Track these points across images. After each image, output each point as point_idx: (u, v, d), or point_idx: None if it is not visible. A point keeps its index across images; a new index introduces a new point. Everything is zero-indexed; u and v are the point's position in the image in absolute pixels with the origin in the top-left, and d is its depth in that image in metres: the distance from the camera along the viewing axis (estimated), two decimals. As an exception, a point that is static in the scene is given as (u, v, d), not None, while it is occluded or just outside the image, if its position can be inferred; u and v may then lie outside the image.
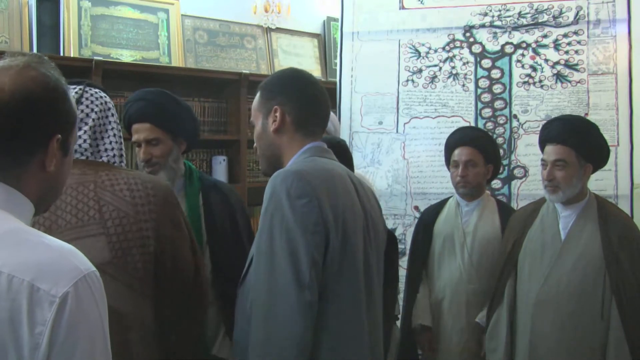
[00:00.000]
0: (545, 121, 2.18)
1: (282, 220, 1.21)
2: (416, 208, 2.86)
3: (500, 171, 2.76)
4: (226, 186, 2.07)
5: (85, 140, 1.42)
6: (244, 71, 3.41)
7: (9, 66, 0.83)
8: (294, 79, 1.43)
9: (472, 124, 2.83)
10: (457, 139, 2.29)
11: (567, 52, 2.78)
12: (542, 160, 1.99)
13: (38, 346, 0.71)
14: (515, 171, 2.80)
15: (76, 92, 1.47)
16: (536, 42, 2.82)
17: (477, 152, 2.24)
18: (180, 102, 1.94)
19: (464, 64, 2.90)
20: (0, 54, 0.91)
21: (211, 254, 1.85)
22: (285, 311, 1.17)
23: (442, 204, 2.41)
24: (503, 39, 2.87)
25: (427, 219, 2.39)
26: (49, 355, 0.71)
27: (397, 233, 2.86)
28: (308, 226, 1.20)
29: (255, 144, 1.47)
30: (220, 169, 3.35)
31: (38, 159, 0.84)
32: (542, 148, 2.03)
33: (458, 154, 2.26)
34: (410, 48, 2.97)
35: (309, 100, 1.41)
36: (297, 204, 1.20)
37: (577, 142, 1.91)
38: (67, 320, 0.73)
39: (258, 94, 1.44)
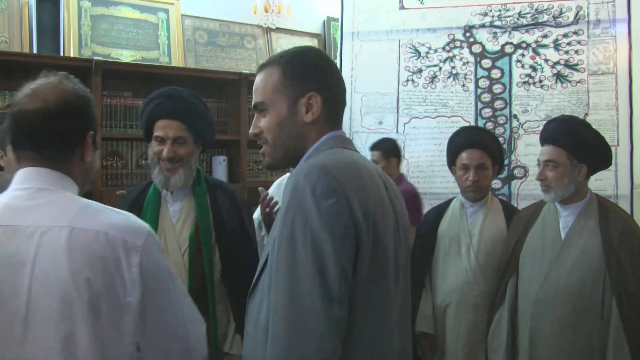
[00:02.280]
0: (545, 121, 2.18)
1: (306, 222, 1.04)
2: (416, 208, 2.86)
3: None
4: (231, 186, 2.09)
5: None
6: (244, 71, 3.41)
7: (47, 83, 1.08)
8: (327, 61, 1.25)
9: (472, 124, 2.83)
10: (466, 141, 2.24)
11: (567, 52, 2.78)
12: (537, 160, 2.00)
13: (135, 282, 1.02)
14: (515, 171, 2.80)
15: None
16: (536, 42, 2.82)
17: (486, 155, 2.20)
18: (207, 107, 1.94)
19: (464, 64, 2.90)
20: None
21: (220, 253, 1.86)
22: (311, 328, 1.01)
23: (445, 205, 2.38)
24: (503, 39, 2.87)
25: (430, 221, 2.36)
26: (143, 284, 1.02)
27: (397, 233, 2.86)
28: (337, 229, 1.04)
29: (260, 132, 1.24)
30: (220, 169, 3.35)
31: (78, 152, 1.10)
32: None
33: (467, 157, 2.20)
34: (410, 48, 2.97)
35: (341, 88, 1.26)
36: (323, 204, 1.04)
37: (568, 142, 1.91)
38: (147, 260, 1.04)
39: (277, 71, 1.21)
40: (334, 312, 1.02)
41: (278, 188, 2.50)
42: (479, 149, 2.20)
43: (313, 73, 1.21)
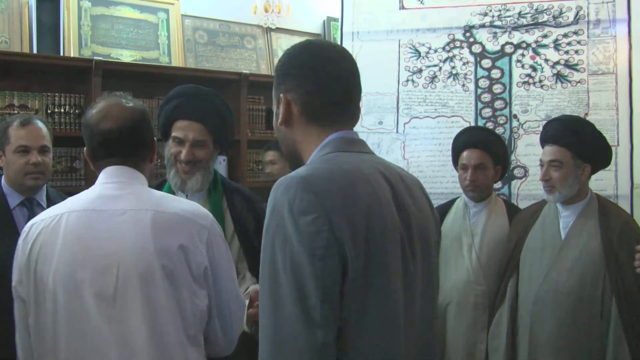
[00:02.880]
0: (545, 121, 2.18)
1: (285, 242, 0.97)
2: (416, 208, 2.85)
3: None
4: (247, 191, 2.02)
5: None
6: (244, 71, 3.42)
7: (112, 104, 1.33)
8: (304, 56, 1.16)
9: (472, 124, 2.83)
10: (466, 141, 2.25)
11: (567, 52, 2.78)
12: (540, 160, 2.00)
13: (204, 254, 1.26)
14: (515, 171, 2.80)
15: None
16: (536, 42, 2.82)
17: (486, 155, 2.21)
18: (229, 108, 1.88)
19: (464, 64, 2.90)
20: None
21: (244, 251, 1.85)
22: (292, 354, 0.96)
23: (449, 204, 2.39)
24: (503, 39, 2.87)
25: None
26: (209, 256, 1.27)
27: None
28: (316, 250, 0.95)
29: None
30: (220, 169, 3.34)
31: (149, 155, 1.38)
32: (542, 148, 2.03)
33: (467, 156, 2.22)
34: (410, 48, 2.97)
35: (322, 82, 1.12)
36: (301, 222, 0.96)
37: (573, 142, 1.91)
38: (212, 238, 1.30)
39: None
40: (316, 338, 0.94)
41: None
42: (478, 148, 2.21)
43: (285, 73, 1.15)
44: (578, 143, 1.91)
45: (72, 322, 1.19)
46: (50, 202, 1.97)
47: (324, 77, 1.13)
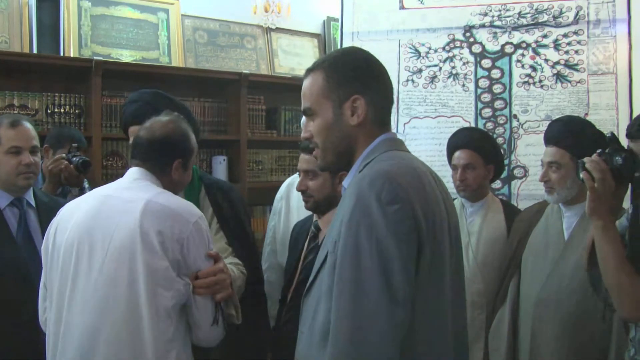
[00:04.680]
0: (545, 121, 2.18)
1: (372, 229, 1.08)
2: (416, 208, 2.85)
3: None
4: (226, 185, 2.10)
5: None
6: (244, 71, 3.42)
7: (159, 120, 1.62)
8: (372, 63, 1.28)
9: (472, 124, 2.83)
10: (456, 142, 2.29)
11: (567, 52, 2.78)
12: (541, 160, 2.00)
13: (182, 242, 1.44)
14: (515, 171, 2.80)
15: None
16: (536, 42, 2.82)
17: (476, 155, 2.23)
18: (176, 103, 1.94)
19: (464, 64, 2.90)
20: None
21: (229, 240, 1.91)
22: (375, 332, 1.06)
23: None
24: (503, 39, 2.87)
25: None
26: (188, 246, 1.45)
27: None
28: (401, 235, 1.08)
29: (311, 136, 1.29)
30: (220, 169, 3.35)
31: (169, 170, 1.60)
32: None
33: (457, 157, 2.26)
34: (410, 48, 2.97)
35: (387, 89, 1.28)
36: (389, 210, 1.08)
37: (571, 143, 1.91)
38: (194, 231, 1.46)
39: (321, 76, 1.25)
40: (398, 315, 1.06)
41: (287, 188, 2.51)
42: (467, 149, 2.24)
43: (356, 75, 1.24)
44: (577, 145, 1.91)
45: (71, 280, 1.45)
46: (38, 201, 1.98)
47: (388, 82, 1.29)
